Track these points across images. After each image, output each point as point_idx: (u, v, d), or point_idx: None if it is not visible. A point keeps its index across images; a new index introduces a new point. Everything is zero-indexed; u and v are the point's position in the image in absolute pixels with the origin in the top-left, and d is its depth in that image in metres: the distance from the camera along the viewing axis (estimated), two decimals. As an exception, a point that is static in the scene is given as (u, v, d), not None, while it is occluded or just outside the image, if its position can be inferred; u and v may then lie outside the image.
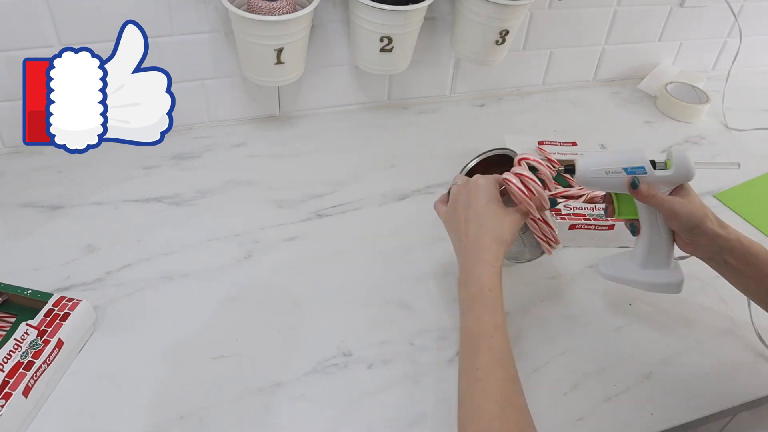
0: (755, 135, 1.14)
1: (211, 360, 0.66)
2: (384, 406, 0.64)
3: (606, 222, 0.82)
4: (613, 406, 0.65)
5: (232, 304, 0.73)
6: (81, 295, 0.69)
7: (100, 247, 0.78)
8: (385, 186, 0.92)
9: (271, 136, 1.01)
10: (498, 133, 1.01)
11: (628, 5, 1.14)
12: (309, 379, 0.66)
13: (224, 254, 0.79)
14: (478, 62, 0.99)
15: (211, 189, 0.88)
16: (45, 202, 0.84)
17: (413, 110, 1.11)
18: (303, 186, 0.91)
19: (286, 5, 0.83)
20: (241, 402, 0.63)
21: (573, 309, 0.77)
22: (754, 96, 1.28)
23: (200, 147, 0.96)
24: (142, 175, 0.90)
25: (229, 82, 0.97)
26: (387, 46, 0.90)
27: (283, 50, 0.85)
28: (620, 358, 0.71)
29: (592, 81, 1.25)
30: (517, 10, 0.91)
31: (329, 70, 1.02)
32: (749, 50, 1.24)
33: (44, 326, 0.63)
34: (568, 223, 0.82)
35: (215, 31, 0.90)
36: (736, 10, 1.19)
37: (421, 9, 0.88)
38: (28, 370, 0.59)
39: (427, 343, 0.71)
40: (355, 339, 0.70)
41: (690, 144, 1.10)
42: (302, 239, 0.82)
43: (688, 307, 0.78)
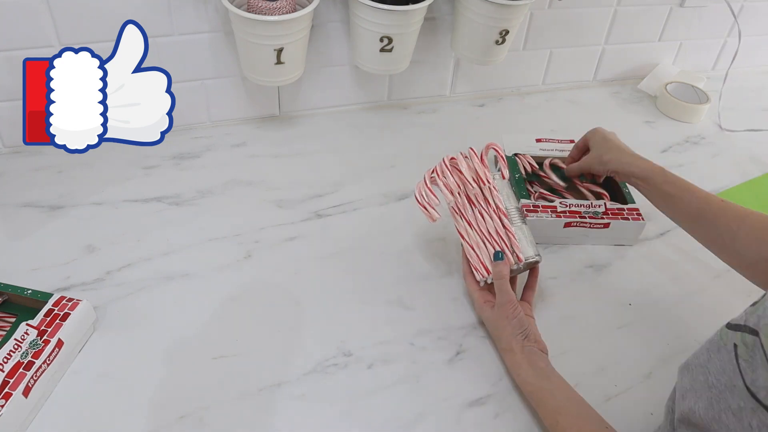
0: (755, 135, 1.14)
1: (211, 360, 0.66)
2: (384, 406, 0.64)
3: (601, 220, 0.83)
4: (613, 406, 0.65)
5: (232, 304, 0.73)
6: (81, 295, 0.69)
7: (100, 247, 0.78)
8: (385, 186, 0.92)
9: (271, 136, 1.01)
10: (498, 133, 1.00)
11: (628, 5, 1.14)
12: (309, 379, 0.66)
13: (224, 254, 0.79)
14: (478, 62, 0.99)
15: (211, 189, 0.88)
16: (45, 202, 0.84)
17: (413, 110, 1.11)
18: (303, 186, 0.91)
19: (286, 5, 0.83)
20: (241, 402, 0.63)
21: (573, 309, 0.77)
22: (754, 96, 1.28)
23: (200, 147, 0.96)
24: (142, 175, 0.90)
25: (229, 82, 0.97)
26: (387, 46, 0.90)
27: (283, 50, 0.85)
28: (620, 358, 0.71)
29: (592, 81, 1.25)
30: (517, 10, 0.91)
31: (329, 70, 1.02)
32: (749, 50, 1.24)
33: (44, 326, 0.63)
34: (563, 221, 0.82)
35: (215, 31, 0.90)
36: (736, 10, 1.19)
37: (421, 9, 0.88)
38: (28, 370, 0.59)
39: (427, 343, 0.71)
40: (355, 339, 0.70)
41: (690, 144, 1.10)
42: (302, 239, 0.82)
43: (688, 307, 0.78)
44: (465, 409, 0.64)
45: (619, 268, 0.83)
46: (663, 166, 0.76)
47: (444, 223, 0.86)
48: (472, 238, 0.73)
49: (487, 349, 0.71)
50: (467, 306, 0.75)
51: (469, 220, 0.74)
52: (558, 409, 0.60)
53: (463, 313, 0.74)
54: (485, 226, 0.73)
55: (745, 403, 0.42)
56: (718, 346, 0.47)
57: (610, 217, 0.83)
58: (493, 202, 0.73)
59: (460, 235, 0.74)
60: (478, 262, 0.72)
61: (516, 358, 0.65)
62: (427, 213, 0.73)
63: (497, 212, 0.73)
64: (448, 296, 0.76)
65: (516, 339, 0.66)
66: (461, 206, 0.74)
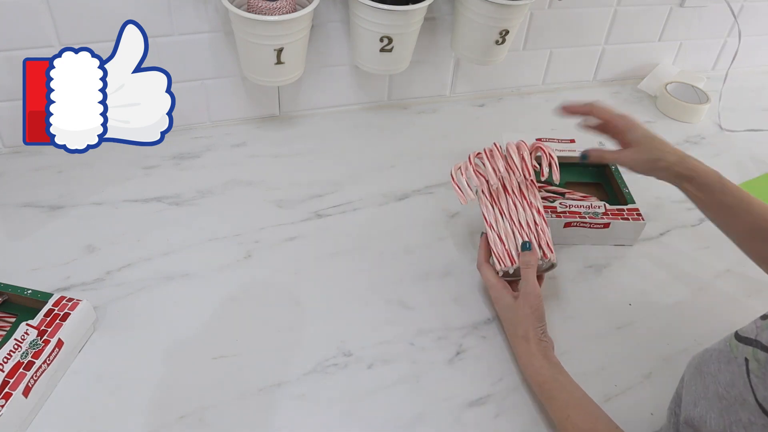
0: (755, 135, 1.14)
1: (211, 360, 0.66)
2: (384, 406, 0.64)
3: (601, 220, 0.83)
4: (613, 406, 0.65)
5: (232, 304, 0.73)
6: (81, 295, 0.69)
7: (100, 247, 0.78)
8: (385, 186, 0.92)
9: (271, 136, 1.01)
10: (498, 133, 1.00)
11: (628, 5, 1.14)
12: (309, 379, 0.66)
13: (224, 254, 0.79)
14: (478, 62, 0.99)
15: (211, 189, 0.88)
16: (45, 202, 0.84)
17: (413, 110, 1.11)
18: (303, 186, 0.91)
19: (286, 5, 0.83)
20: (241, 402, 0.63)
21: (573, 309, 0.77)
22: (754, 96, 1.27)
23: (200, 147, 0.96)
24: (142, 175, 0.90)
25: (229, 82, 0.97)
26: (387, 46, 0.90)
27: (283, 50, 0.85)
28: (620, 358, 0.71)
29: (592, 81, 1.25)
30: (517, 10, 0.91)
31: (329, 70, 1.02)
32: (749, 50, 1.24)
33: (44, 326, 0.63)
34: (563, 221, 0.82)
35: (215, 31, 0.90)
36: (736, 10, 1.19)
37: (421, 9, 0.88)
38: (28, 370, 0.59)
39: (427, 343, 0.71)
40: (355, 339, 0.70)
41: (690, 144, 1.10)
42: (302, 239, 0.82)
43: (688, 307, 0.78)
44: (465, 409, 0.64)
45: (619, 268, 0.83)
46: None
47: (444, 223, 0.87)
48: (501, 227, 0.74)
49: (487, 349, 0.71)
50: (467, 306, 0.75)
51: (501, 208, 0.74)
52: (570, 403, 0.60)
53: (463, 313, 0.74)
54: (517, 216, 0.74)
55: (755, 418, 0.42)
56: (728, 357, 0.47)
57: (610, 218, 0.83)
58: (529, 196, 0.75)
59: (487, 224, 0.74)
60: (504, 252, 0.72)
61: (531, 348, 0.65)
62: (460, 194, 0.74)
63: (531, 206, 0.74)
64: (448, 296, 0.76)
65: (534, 330, 0.66)
66: (495, 194, 0.75)
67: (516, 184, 0.76)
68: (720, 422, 0.46)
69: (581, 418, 0.58)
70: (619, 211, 0.84)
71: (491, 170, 0.75)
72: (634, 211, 0.84)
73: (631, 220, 0.83)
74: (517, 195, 0.75)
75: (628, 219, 0.83)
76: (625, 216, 0.83)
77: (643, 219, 0.83)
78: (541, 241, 0.73)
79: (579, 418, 0.58)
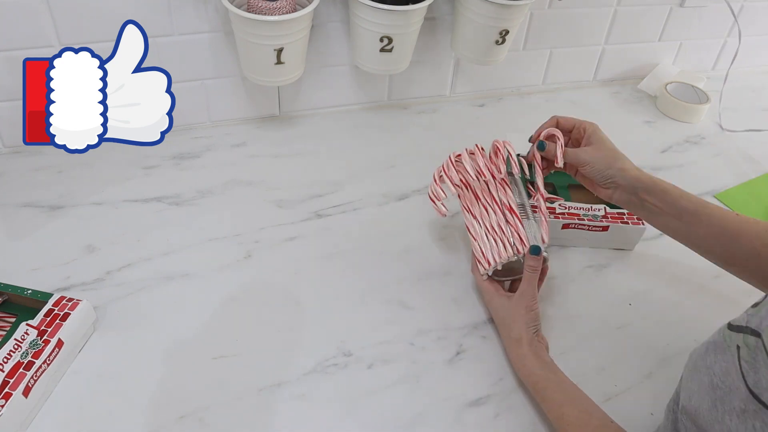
0: (755, 135, 1.14)
1: (211, 360, 0.66)
2: (384, 406, 0.64)
3: (600, 223, 0.82)
4: (613, 406, 0.65)
5: (232, 304, 0.73)
6: (81, 295, 0.69)
7: (100, 247, 0.78)
8: (385, 186, 0.92)
9: (271, 136, 1.01)
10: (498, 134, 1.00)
11: (628, 5, 1.14)
12: (309, 379, 0.66)
13: (224, 254, 0.79)
14: (478, 62, 0.99)
15: (211, 189, 0.88)
16: (45, 202, 0.84)
17: (413, 110, 1.11)
18: (303, 186, 0.91)
19: (286, 5, 0.83)
20: (241, 402, 0.63)
21: (573, 309, 0.77)
22: (754, 96, 1.28)
23: (200, 147, 0.96)
24: (142, 175, 0.90)
25: (229, 82, 0.97)
26: (387, 46, 0.90)
27: (283, 50, 0.85)
28: (620, 358, 0.71)
29: (592, 81, 1.25)
30: (517, 10, 0.91)
31: (329, 70, 1.02)
32: (749, 50, 1.24)
33: (44, 326, 0.63)
34: (561, 223, 0.82)
35: (215, 31, 0.90)
36: (736, 10, 1.19)
37: (421, 9, 0.88)
38: (28, 370, 0.59)
39: (427, 343, 0.71)
40: (355, 339, 0.70)
41: (690, 144, 1.10)
42: (302, 239, 0.82)
43: (688, 307, 0.78)
44: (465, 409, 0.64)
45: (619, 268, 0.83)
46: (663, 166, 0.75)
47: (444, 223, 0.87)
48: (478, 232, 0.75)
49: (487, 349, 0.71)
50: (467, 306, 0.75)
51: (474, 214, 0.76)
52: (564, 401, 0.60)
53: (463, 313, 0.74)
54: (488, 221, 0.75)
55: (747, 405, 0.42)
56: (722, 347, 0.47)
57: (610, 221, 0.83)
58: (498, 197, 0.75)
59: (467, 230, 0.76)
60: (481, 255, 0.74)
61: (523, 349, 0.66)
62: (435, 207, 0.76)
63: (501, 207, 0.75)
64: (448, 296, 0.76)
65: (527, 331, 0.66)
66: (469, 201, 0.77)
67: (484, 187, 0.76)
68: (713, 413, 0.46)
69: (575, 414, 0.59)
70: (619, 215, 0.84)
71: (451, 185, 0.76)
72: (633, 215, 0.84)
73: (630, 224, 0.83)
74: (487, 198, 0.76)
75: (627, 223, 0.83)
76: (624, 220, 0.83)
77: (642, 224, 0.83)
78: (514, 238, 0.73)
79: (573, 414, 0.59)
